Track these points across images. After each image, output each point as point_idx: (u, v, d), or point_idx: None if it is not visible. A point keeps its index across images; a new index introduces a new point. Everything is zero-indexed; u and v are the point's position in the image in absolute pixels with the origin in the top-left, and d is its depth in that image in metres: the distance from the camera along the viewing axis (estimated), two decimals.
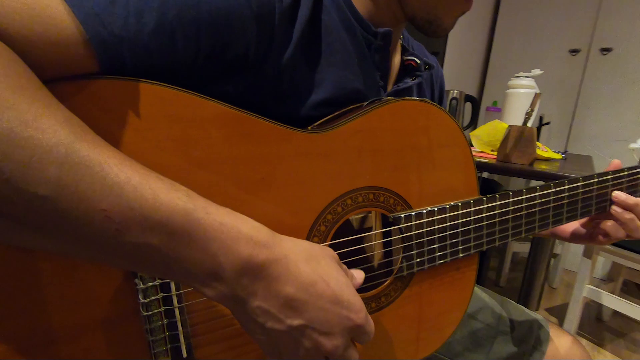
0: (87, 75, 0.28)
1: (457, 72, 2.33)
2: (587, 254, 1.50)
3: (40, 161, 0.21)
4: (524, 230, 0.48)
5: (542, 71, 1.54)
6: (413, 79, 0.52)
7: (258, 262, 0.26)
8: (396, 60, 0.54)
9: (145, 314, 0.32)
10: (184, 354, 0.34)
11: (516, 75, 1.55)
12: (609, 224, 0.53)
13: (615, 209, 0.53)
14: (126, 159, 0.25)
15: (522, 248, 2.10)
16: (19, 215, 0.22)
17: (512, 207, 0.46)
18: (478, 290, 0.67)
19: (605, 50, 2.18)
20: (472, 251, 0.45)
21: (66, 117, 0.23)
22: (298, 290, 0.27)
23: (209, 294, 0.27)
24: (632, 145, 0.59)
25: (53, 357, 0.30)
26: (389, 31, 0.44)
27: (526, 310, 0.65)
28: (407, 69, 0.53)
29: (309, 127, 0.39)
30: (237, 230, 0.26)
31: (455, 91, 1.95)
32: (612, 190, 0.52)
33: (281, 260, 0.27)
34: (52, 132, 0.22)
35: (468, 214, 0.44)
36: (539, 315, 0.64)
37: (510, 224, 0.46)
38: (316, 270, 0.29)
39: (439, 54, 2.12)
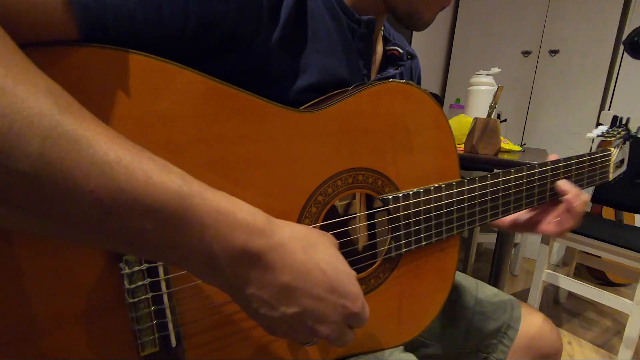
0: (67, 42, 0.26)
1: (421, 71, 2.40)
2: (545, 241, 1.61)
3: (21, 133, 0.19)
4: (501, 212, 0.50)
5: (500, 69, 1.63)
6: (396, 69, 0.53)
7: (254, 251, 0.26)
8: (379, 49, 0.54)
9: (131, 300, 0.30)
10: (173, 343, 0.32)
11: (477, 73, 1.63)
12: (561, 212, 0.53)
13: (570, 197, 0.52)
14: (116, 135, 0.23)
15: (486, 239, 2.21)
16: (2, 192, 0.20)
17: (491, 189, 0.48)
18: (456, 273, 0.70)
19: (554, 52, 2.35)
20: (455, 232, 0.47)
21: (48, 86, 0.21)
22: (294, 278, 0.27)
23: (206, 280, 0.27)
24: (589, 135, 0.64)
25: (30, 352, 0.28)
26: (372, 19, 0.45)
27: (500, 292, 0.68)
28: (389, 59, 0.54)
29: (300, 108, 0.39)
30: (233, 217, 0.25)
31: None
32: (562, 178, 0.54)
33: (277, 248, 0.27)
34: (33, 101, 0.20)
35: (451, 196, 0.45)
36: (511, 297, 0.67)
37: (488, 204, 0.48)
38: (313, 258, 0.28)
39: None
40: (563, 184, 0.53)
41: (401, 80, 0.42)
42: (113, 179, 0.21)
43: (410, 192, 0.43)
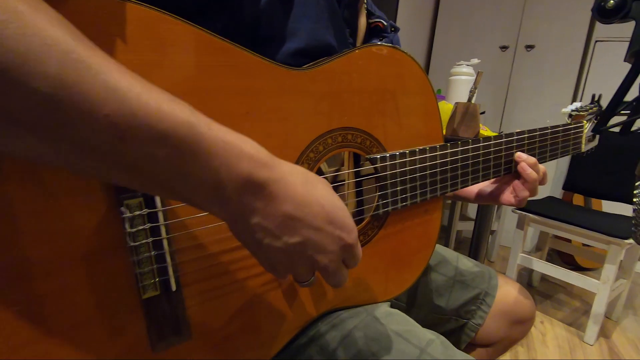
0: None
1: None
2: (520, 225, 1.68)
3: (39, 54, 0.20)
4: (481, 176, 0.53)
5: (480, 60, 1.69)
6: (380, 40, 0.55)
7: (259, 180, 0.27)
8: (362, 21, 0.56)
9: (132, 244, 0.31)
10: (173, 287, 0.34)
11: (457, 63, 1.68)
12: (516, 182, 0.56)
13: (522, 166, 0.54)
14: (125, 68, 0.23)
15: (465, 227, 2.28)
16: (16, 111, 0.20)
17: (472, 153, 0.51)
18: (437, 246, 0.73)
19: (529, 47, 2.44)
20: (438, 193, 0.49)
21: (60, 17, 0.22)
22: (295, 209, 0.28)
23: (212, 210, 0.27)
24: (564, 110, 0.67)
25: (33, 292, 0.28)
26: None
27: (478, 263, 0.72)
28: (373, 31, 0.56)
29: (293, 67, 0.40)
30: (239, 148, 0.26)
31: None
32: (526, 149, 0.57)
33: (280, 180, 0.28)
34: (49, 27, 0.20)
35: (434, 158, 0.48)
36: (489, 267, 0.71)
37: (470, 168, 0.51)
38: (311, 192, 0.30)
39: None
40: (519, 155, 0.55)
41: (390, 45, 0.44)
42: (126, 104, 0.22)
43: (397, 153, 0.45)
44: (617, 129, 0.59)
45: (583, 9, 2.25)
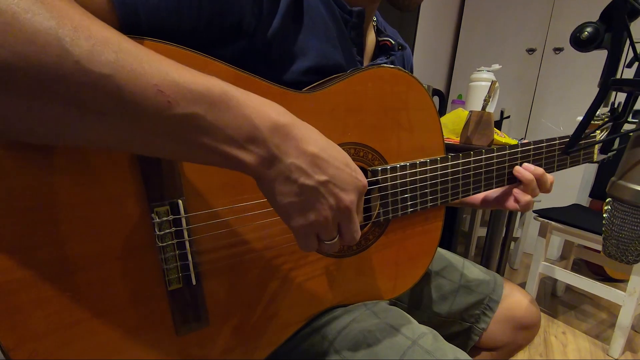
0: None
1: (425, 68, 2.45)
2: (542, 233, 1.65)
3: (101, 48, 0.25)
4: (483, 186, 0.56)
5: (501, 66, 1.67)
6: (387, 57, 0.59)
7: (284, 123, 0.31)
8: (370, 39, 0.60)
9: (161, 245, 0.37)
10: (193, 282, 0.39)
11: (478, 69, 1.68)
12: (516, 190, 0.59)
13: (517, 169, 0.58)
14: (160, 55, 0.29)
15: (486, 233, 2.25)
16: (86, 97, 0.26)
17: (474, 165, 0.54)
18: (443, 251, 0.75)
19: (558, 50, 2.38)
20: (439, 202, 0.52)
21: (106, 25, 0.28)
22: (320, 151, 0.33)
23: (248, 160, 0.30)
24: (578, 118, 0.68)
25: (75, 283, 0.34)
26: (362, 10, 0.50)
27: (484, 268, 0.74)
28: (382, 49, 0.60)
29: (301, 90, 0.45)
30: (262, 100, 0.31)
31: (424, 85, 2.07)
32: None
33: (301, 126, 0.33)
34: (104, 30, 0.27)
35: (435, 170, 0.51)
36: (495, 272, 0.73)
37: (471, 179, 0.54)
38: (328, 141, 0.35)
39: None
40: (522, 167, 0.58)
41: (391, 65, 0.48)
42: (169, 75, 0.27)
43: (398, 165, 0.49)
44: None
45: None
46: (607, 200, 0.34)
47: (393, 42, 0.59)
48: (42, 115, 0.26)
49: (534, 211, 1.71)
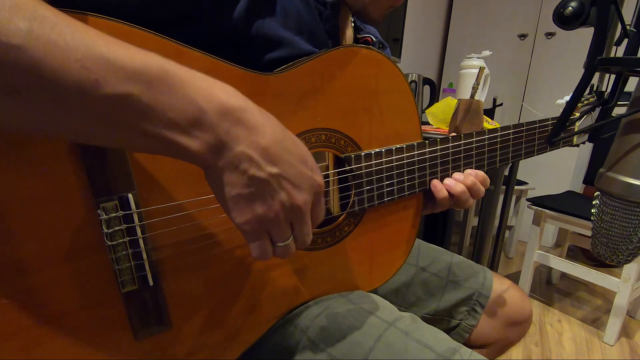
0: None
1: (416, 56, 2.41)
2: (536, 222, 1.64)
3: (10, 14, 0.22)
4: (462, 172, 0.53)
5: (491, 52, 1.64)
6: None
7: (236, 107, 0.28)
8: (348, 34, 0.57)
9: (110, 243, 0.34)
10: (150, 282, 0.36)
11: (468, 56, 1.64)
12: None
13: (434, 183, 0.51)
14: (88, 26, 0.25)
15: None
16: None
17: (452, 150, 0.51)
18: (429, 245, 0.73)
19: (550, 35, 2.35)
20: (417, 189, 0.50)
21: None
22: (273, 142, 0.29)
23: (193, 147, 0.27)
24: (559, 101, 0.66)
25: (21, 287, 0.32)
26: (336, 2, 0.47)
27: (472, 262, 0.71)
28: None
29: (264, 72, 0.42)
30: (211, 80, 0.28)
31: (414, 74, 2.03)
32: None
33: (255, 111, 0.29)
34: None
35: (412, 156, 0.48)
36: (484, 266, 0.71)
37: (450, 164, 0.51)
38: (284, 132, 0.31)
39: (398, 40, 2.19)
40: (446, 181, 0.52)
41: (363, 45, 0.45)
42: (96, 49, 0.24)
43: (372, 152, 0.46)
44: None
45: None
46: (596, 194, 0.32)
47: (374, 39, 0.56)
48: None
49: (528, 199, 1.69)
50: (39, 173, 0.31)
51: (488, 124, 1.31)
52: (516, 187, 2.05)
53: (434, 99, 2.15)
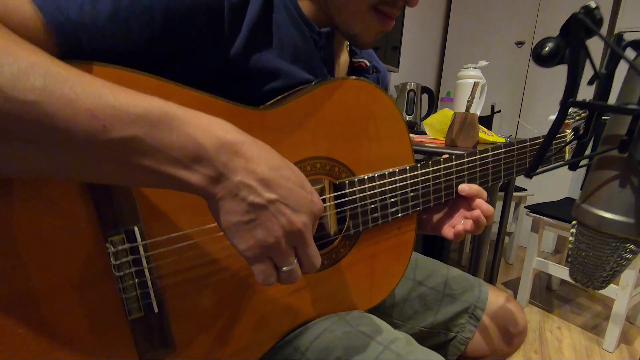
0: None
1: (414, 64, 2.44)
2: (534, 229, 1.65)
3: (27, 73, 0.24)
4: (455, 192, 0.55)
5: (487, 62, 1.67)
6: None
7: (233, 140, 0.30)
8: (343, 59, 0.59)
9: (117, 274, 0.36)
10: (155, 310, 0.38)
11: (465, 66, 1.67)
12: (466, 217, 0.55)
13: (478, 202, 0.53)
14: (96, 77, 0.28)
15: None
16: (11, 125, 0.25)
17: (444, 172, 0.53)
18: (426, 259, 0.74)
19: None
20: (410, 211, 0.52)
21: (35, 48, 0.27)
22: (270, 170, 0.31)
23: (194, 181, 0.29)
24: (551, 117, 0.68)
25: (33, 316, 0.34)
26: (330, 31, 0.49)
27: (468, 275, 0.73)
28: (356, 70, 0.60)
29: (260, 106, 0.44)
30: (209, 118, 0.30)
31: (412, 83, 2.05)
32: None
33: (251, 143, 0.31)
34: (31, 54, 0.26)
35: (405, 179, 0.51)
36: (479, 279, 0.72)
37: (442, 185, 0.53)
38: (282, 159, 0.33)
39: (397, 49, 2.22)
40: (461, 188, 0.54)
41: (355, 77, 0.47)
42: (103, 98, 0.26)
43: (365, 177, 0.48)
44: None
45: (603, 0, 2.17)
46: (573, 222, 0.34)
47: (368, 65, 0.58)
48: None
49: (526, 207, 1.70)
50: (52, 210, 0.34)
51: (485, 134, 1.33)
52: (515, 194, 2.07)
53: (432, 107, 2.17)
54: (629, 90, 0.30)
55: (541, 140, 0.62)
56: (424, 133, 1.55)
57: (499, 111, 2.38)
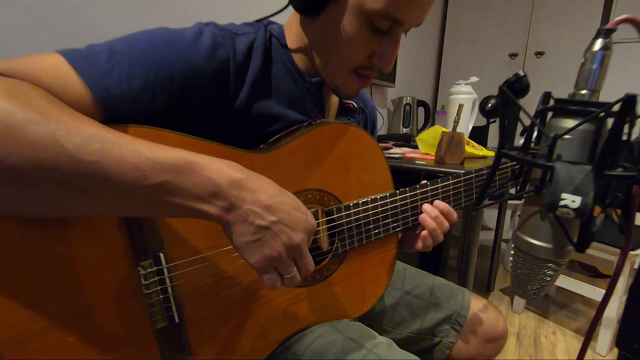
0: None
1: (410, 78, 2.53)
2: None
3: (88, 141, 0.34)
4: None
5: (478, 78, 1.75)
6: (348, 119, 0.67)
7: (240, 178, 0.39)
8: (334, 101, 0.68)
9: (147, 291, 0.45)
10: (176, 320, 0.47)
11: (456, 82, 1.76)
12: (423, 232, 0.61)
13: (422, 217, 0.61)
14: (135, 138, 0.37)
15: (481, 236, 2.31)
16: (78, 180, 0.33)
17: (420, 197, 0.61)
18: (414, 270, 0.82)
19: (539, 54, 2.45)
20: (391, 232, 0.60)
21: (92, 121, 0.37)
22: (271, 198, 0.40)
23: (212, 211, 0.38)
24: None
25: (81, 328, 0.42)
26: (320, 81, 0.58)
27: (452, 284, 0.80)
28: (345, 111, 0.69)
29: (261, 146, 0.53)
30: (221, 162, 0.39)
31: (408, 97, 2.14)
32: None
33: (255, 178, 0.40)
34: (90, 126, 0.35)
35: (385, 204, 0.59)
36: (462, 287, 0.79)
37: (419, 209, 0.62)
38: (281, 190, 0.42)
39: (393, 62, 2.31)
40: (424, 207, 0.62)
41: (340, 121, 0.56)
42: (142, 154, 0.35)
43: (350, 204, 0.57)
44: None
45: (593, 12, 2.25)
46: (513, 245, 0.42)
47: (355, 106, 0.68)
48: (40, 196, 0.34)
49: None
50: (96, 241, 0.42)
51: (474, 149, 1.41)
52: (510, 202, 2.13)
53: (428, 120, 2.26)
54: (543, 144, 0.38)
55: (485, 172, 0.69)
56: (416, 147, 1.63)
57: (495, 121, 2.46)
